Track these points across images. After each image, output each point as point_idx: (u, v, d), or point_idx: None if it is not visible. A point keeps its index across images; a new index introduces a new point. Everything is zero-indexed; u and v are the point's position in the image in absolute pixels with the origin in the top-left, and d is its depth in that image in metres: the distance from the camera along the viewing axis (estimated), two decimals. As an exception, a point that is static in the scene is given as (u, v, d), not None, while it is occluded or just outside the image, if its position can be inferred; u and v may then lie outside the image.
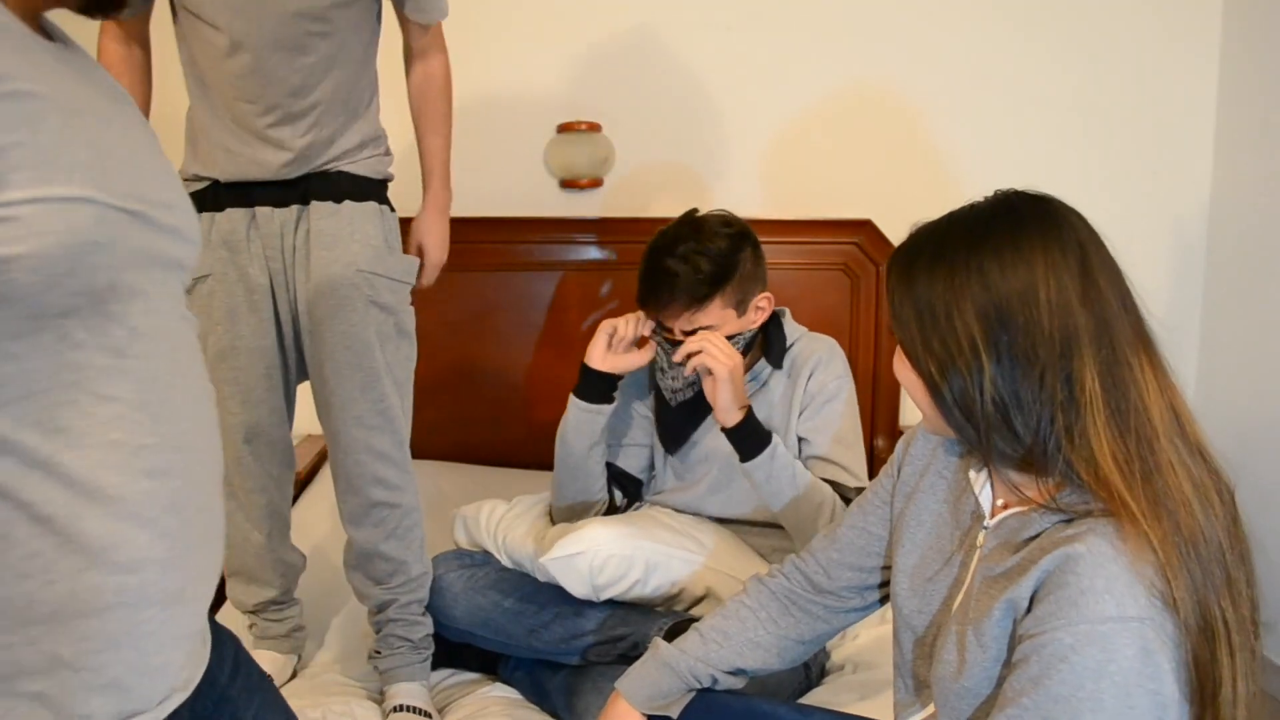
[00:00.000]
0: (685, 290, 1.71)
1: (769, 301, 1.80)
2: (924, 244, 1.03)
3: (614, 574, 1.66)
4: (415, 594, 1.78)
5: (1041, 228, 0.98)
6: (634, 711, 1.28)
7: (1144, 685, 0.89)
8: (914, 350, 1.01)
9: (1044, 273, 0.96)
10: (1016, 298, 0.95)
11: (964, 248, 0.99)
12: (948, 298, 0.98)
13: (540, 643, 1.72)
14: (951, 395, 0.98)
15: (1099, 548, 0.92)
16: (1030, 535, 1.00)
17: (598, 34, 2.58)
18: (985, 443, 0.99)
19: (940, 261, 1.00)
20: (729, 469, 1.82)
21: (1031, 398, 0.95)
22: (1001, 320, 0.96)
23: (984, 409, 0.97)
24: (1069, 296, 0.95)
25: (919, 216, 1.08)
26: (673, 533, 1.74)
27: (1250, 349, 2.41)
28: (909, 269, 1.02)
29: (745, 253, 1.75)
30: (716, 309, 1.73)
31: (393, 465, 1.73)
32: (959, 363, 0.97)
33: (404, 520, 1.75)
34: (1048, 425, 0.95)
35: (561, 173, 2.60)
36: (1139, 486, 0.93)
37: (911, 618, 1.14)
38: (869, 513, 1.26)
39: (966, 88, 2.59)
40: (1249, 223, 2.45)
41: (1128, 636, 0.89)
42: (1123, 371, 0.96)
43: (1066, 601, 0.91)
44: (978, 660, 1.00)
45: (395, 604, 1.76)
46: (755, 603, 1.32)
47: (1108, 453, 0.94)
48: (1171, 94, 2.57)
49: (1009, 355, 0.95)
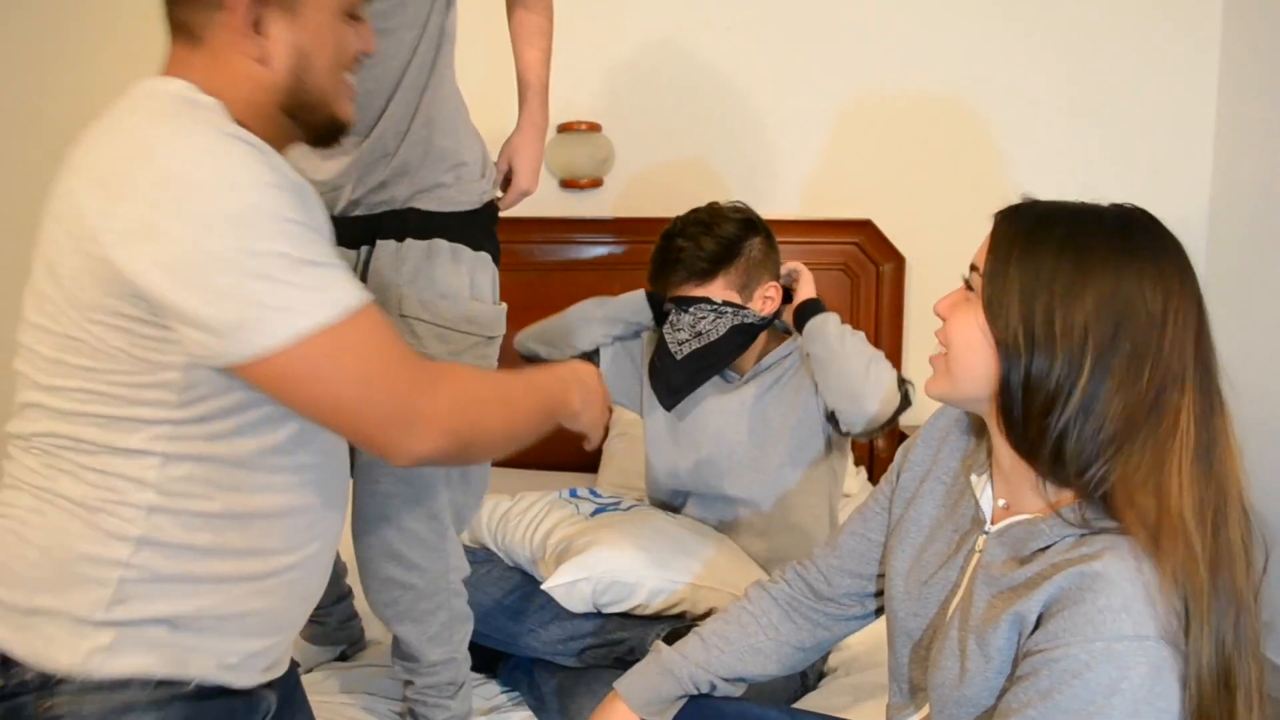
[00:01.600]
0: (687, 264, 1.75)
1: (777, 292, 1.81)
2: (1056, 218, 0.98)
3: (616, 596, 1.67)
4: (436, 678, 1.57)
5: (1180, 261, 0.97)
6: (631, 715, 1.28)
7: (1153, 704, 0.89)
8: (1004, 313, 0.96)
9: (1177, 303, 0.94)
10: (1146, 313, 0.93)
11: (1105, 243, 0.95)
12: (1074, 281, 0.94)
13: (538, 642, 1.72)
14: (1023, 373, 0.95)
15: (1118, 567, 0.91)
16: (1039, 547, 0.99)
17: (598, 34, 2.58)
18: (1033, 439, 0.96)
19: (1074, 241, 0.95)
20: (728, 451, 1.82)
21: (1115, 417, 0.93)
22: (1121, 328, 0.93)
23: (1061, 410, 0.94)
24: (1189, 334, 0.94)
25: (919, 216, 1.08)
26: (677, 552, 1.72)
27: (1250, 349, 2.41)
28: (1033, 234, 0.97)
29: (754, 240, 1.78)
30: (719, 287, 1.75)
31: (414, 541, 1.50)
32: (1057, 348, 0.93)
33: (420, 603, 1.52)
34: (1114, 448, 0.93)
35: (561, 173, 2.60)
36: (1209, 535, 0.92)
37: (907, 621, 1.14)
38: (869, 520, 1.26)
39: (967, 88, 2.59)
40: (1249, 223, 2.45)
41: (1142, 655, 0.89)
42: (1216, 421, 0.95)
43: (1083, 618, 0.90)
44: (980, 670, 0.99)
45: (413, 685, 1.58)
46: (757, 609, 1.31)
47: (1186, 494, 0.92)
48: (1171, 94, 2.57)
49: (1111, 365, 0.93)
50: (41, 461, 1.00)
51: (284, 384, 0.94)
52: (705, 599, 1.70)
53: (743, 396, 1.84)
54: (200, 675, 1.01)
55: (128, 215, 0.91)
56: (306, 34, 1.04)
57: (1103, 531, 0.94)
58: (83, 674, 0.97)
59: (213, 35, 1.01)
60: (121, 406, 0.97)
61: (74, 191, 0.95)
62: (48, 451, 1.00)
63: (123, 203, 0.91)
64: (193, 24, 1.02)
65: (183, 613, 1.00)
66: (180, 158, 0.91)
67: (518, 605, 1.75)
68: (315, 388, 0.94)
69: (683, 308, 1.76)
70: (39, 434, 1.00)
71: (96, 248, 0.92)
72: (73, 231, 0.94)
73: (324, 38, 1.06)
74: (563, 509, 1.85)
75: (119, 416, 0.97)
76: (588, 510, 1.85)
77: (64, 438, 0.99)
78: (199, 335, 0.92)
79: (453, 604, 1.56)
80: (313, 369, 0.93)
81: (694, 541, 1.78)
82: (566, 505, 1.87)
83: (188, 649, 1.01)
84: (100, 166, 0.94)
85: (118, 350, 0.95)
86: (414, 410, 0.98)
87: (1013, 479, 1.04)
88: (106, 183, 0.93)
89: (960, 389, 1.03)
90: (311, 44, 1.05)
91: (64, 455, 0.99)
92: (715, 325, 1.75)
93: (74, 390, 0.97)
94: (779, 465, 1.81)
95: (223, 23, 1.00)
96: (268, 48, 1.02)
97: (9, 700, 0.99)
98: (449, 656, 1.57)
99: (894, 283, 2.57)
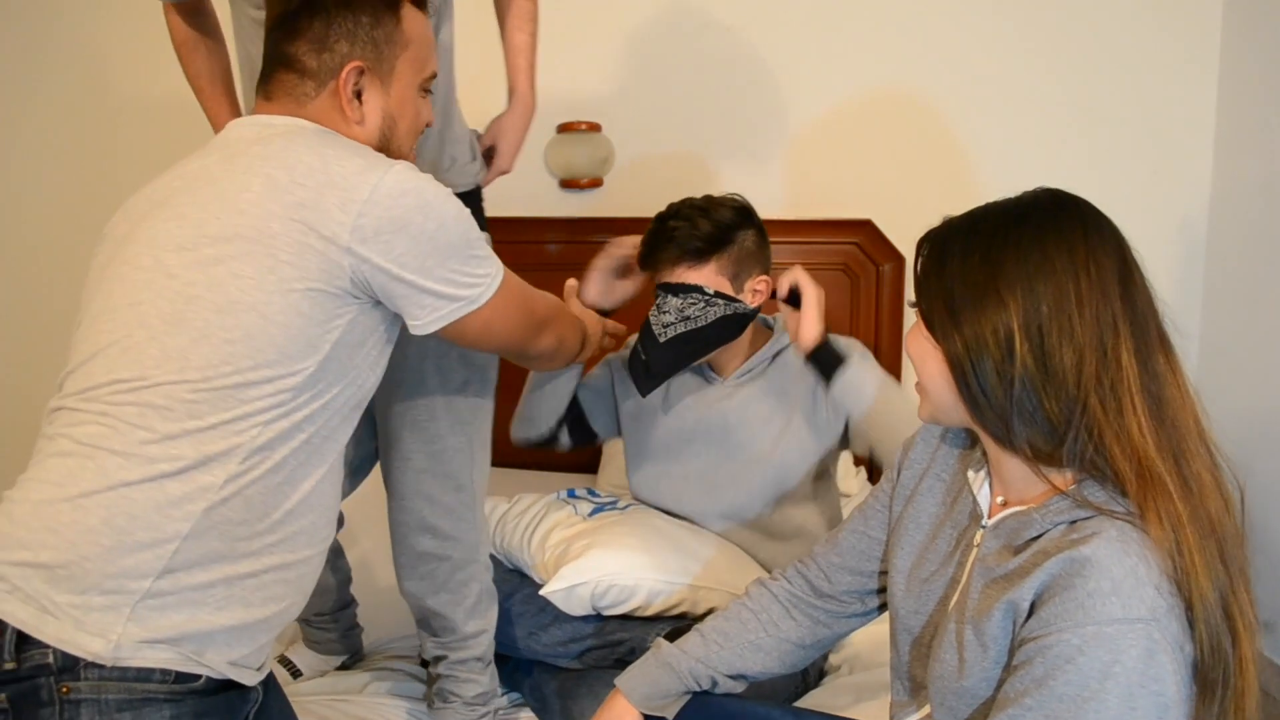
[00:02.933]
0: (680, 244, 1.72)
1: (767, 285, 1.79)
2: (959, 224, 1.03)
3: (616, 599, 1.66)
4: (470, 651, 1.63)
5: (1083, 217, 1.00)
6: (632, 709, 1.29)
7: (1147, 686, 0.90)
8: (942, 328, 1.01)
9: (1085, 257, 0.97)
10: (1058, 277, 0.96)
11: (1003, 227, 1.00)
12: (984, 273, 0.98)
13: (539, 645, 1.72)
14: (977, 378, 0.98)
15: (1105, 550, 0.92)
16: (1031, 536, 1.00)
17: (598, 34, 2.58)
18: (1005, 427, 0.99)
19: (976, 237, 1.00)
20: (721, 450, 1.81)
21: (1065, 376, 0.95)
22: (1041, 297, 0.96)
23: (1014, 390, 0.97)
24: (1110, 283, 0.97)
25: (919, 216, 1.09)
26: (676, 552, 1.72)
27: (1250, 349, 2.41)
28: (943, 246, 1.02)
29: (748, 230, 1.76)
30: (711, 272, 1.73)
31: (446, 513, 1.58)
32: (984, 321, 0.97)
33: (456, 574, 1.59)
34: (1079, 406, 0.96)
35: (561, 173, 2.60)
36: (1173, 469, 0.95)
37: (908, 618, 1.15)
38: (870, 517, 1.26)
39: (967, 88, 2.59)
40: (1249, 223, 2.45)
41: (1134, 638, 0.90)
42: (1156, 364, 0.97)
43: (1073, 604, 0.92)
44: (978, 660, 1.00)
45: (446, 660, 1.63)
46: (757, 605, 1.32)
47: (1146, 433, 0.95)
48: (1171, 94, 2.57)
49: (1046, 332, 0.96)
50: (112, 429, 1.08)
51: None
52: (705, 599, 1.70)
53: (732, 402, 1.82)
54: (212, 670, 1.09)
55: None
56: (394, 103, 1.28)
57: (1098, 513, 0.96)
58: (112, 660, 1.03)
59: (321, 99, 1.24)
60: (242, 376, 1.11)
61: (299, 204, 1.12)
62: (127, 421, 1.08)
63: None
64: (303, 89, 1.24)
65: (216, 595, 1.08)
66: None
67: (517, 609, 1.75)
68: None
69: (672, 292, 1.73)
70: (124, 398, 1.09)
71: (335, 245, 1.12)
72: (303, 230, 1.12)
73: (406, 108, 1.30)
74: (560, 510, 1.85)
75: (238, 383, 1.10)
76: (585, 510, 1.85)
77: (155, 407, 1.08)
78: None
79: (484, 577, 1.63)
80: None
81: (692, 542, 1.77)
82: (564, 506, 1.87)
83: (206, 639, 1.08)
84: (317, 182, 1.13)
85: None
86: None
87: (1005, 475, 1.06)
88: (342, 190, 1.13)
89: (934, 402, 1.07)
90: (397, 112, 1.28)
91: (149, 422, 1.07)
92: (704, 313, 1.72)
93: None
94: (775, 470, 1.80)
95: (332, 89, 1.24)
96: (365, 113, 1.25)
97: (23, 683, 1.02)
98: (482, 629, 1.63)
99: (894, 283, 2.57)
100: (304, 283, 1.11)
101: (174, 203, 1.16)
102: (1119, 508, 0.96)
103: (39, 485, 1.09)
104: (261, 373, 1.09)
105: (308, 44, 1.23)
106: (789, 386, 1.80)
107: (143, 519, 1.05)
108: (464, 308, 1.21)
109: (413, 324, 1.20)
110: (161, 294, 1.11)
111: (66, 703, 1.02)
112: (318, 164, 1.13)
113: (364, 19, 1.24)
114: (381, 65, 1.26)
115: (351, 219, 1.11)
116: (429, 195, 1.16)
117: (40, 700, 1.02)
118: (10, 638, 1.03)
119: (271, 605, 1.14)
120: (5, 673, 1.03)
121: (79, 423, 1.10)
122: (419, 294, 1.17)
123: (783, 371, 1.82)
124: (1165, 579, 0.92)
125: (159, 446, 1.07)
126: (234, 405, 1.09)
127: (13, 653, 1.03)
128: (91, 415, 1.09)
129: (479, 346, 1.37)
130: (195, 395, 1.08)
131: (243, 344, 1.09)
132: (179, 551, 1.06)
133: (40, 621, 1.03)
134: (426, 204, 1.16)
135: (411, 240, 1.14)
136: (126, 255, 1.16)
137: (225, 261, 1.10)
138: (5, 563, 1.05)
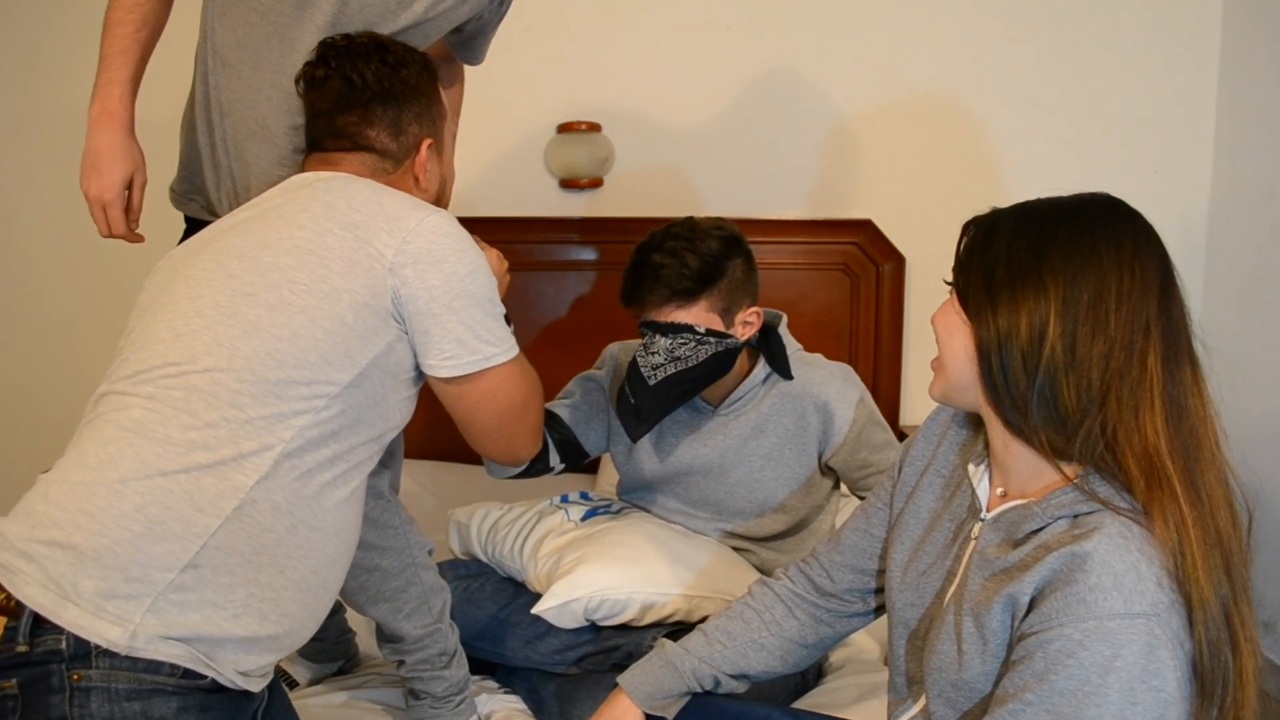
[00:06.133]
0: (668, 283, 1.63)
1: (758, 317, 1.71)
2: (1009, 211, 1.04)
3: (609, 612, 1.64)
4: (424, 652, 1.59)
5: (1134, 221, 1.01)
6: (634, 708, 1.29)
7: (1148, 682, 0.90)
8: (977, 306, 1.02)
9: (1132, 257, 0.98)
10: (1102, 270, 0.97)
11: (1055, 217, 1.01)
12: (1031, 256, 0.99)
13: (536, 654, 1.71)
14: (1002, 360, 0.99)
15: (1107, 545, 0.93)
16: (1031, 530, 1.00)
17: (598, 34, 2.58)
18: (1021, 414, 0.99)
19: (1027, 223, 1.02)
20: (717, 483, 1.79)
21: (1091, 367, 0.96)
22: (1083, 288, 0.97)
23: (1037, 377, 0.97)
24: (1150, 286, 0.98)
25: (919, 216, 1.09)
26: (669, 561, 1.69)
27: (1250, 349, 2.41)
28: (990, 228, 1.03)
29: (737, 260, 1.67)
30: (701, 310, 1.64)
31: (368, 525, 1.50)
32: (1020, 303, 0.98)
33: (389, 583, 1.56)
34: (1099, 401, 0.96)
35: (561, 173, 2.60)
36: (1184, 476, 0.95)
37: (904, 611, 1.15)
38: (871, 515, 1.26)
39: (966, 88, 2.59)
40: (1249, 223, 2.45)
41: (1134, 633, 0.90)
42: (1183, 374, 0.98)
43: (1074, 598, 0.92)
44: (977, 653, 1.00)
45: (405, 665, 1.61)
46: (760, 605, 1.32)
47: (1160, 435, 0.95)
48: (1171, 94, 2.57)
49: (1081, 322, 0.97)
50: (156, 414, 1.12)
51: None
52: (700, 608, 1.67)
53: (725, 436, 1.77)
54: (220, 674, 1.10)
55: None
56: (446, 167, 1.50)
57: (1093, 511, 0.96)
58: (126, 649, 1.05)
59: (399, 175, 1.40)
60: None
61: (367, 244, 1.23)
62: (173, 405, 1.12)
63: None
64: (383, 167, 1.39)
65: (236, 599, 1.10)
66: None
67: (512, 619, 1.73)
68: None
69: (660, 332, 1.64)
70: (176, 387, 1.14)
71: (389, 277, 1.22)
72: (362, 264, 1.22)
73: (449, 168, 1.53)
74: (552, 516, 1.82)
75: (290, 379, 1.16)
76: (578, 515, 1.82)
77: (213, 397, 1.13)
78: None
79: (422, 578, 1.58)
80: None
81: (686, 549, 1.74)
82: (556, 512, 1.83)
83: (219, 643, 1.09)
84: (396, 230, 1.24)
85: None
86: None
87: (1009, 467, 1.06)
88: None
89: (951, 380, 1.06)
90: (447, 173, 1.51)
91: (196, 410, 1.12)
92: (696, 352, 1.64)
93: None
94: (768, 494, 1.78)
95: (408, 166, 1.41)
96: (425, 179, 1.43)
97: (35, 667, 1.04)
98: (431, 628, 1.59)
99: (894, 283, 2.57)
100: (351, 295, 1.19)
101: (240, 226, 1.27)
102: (1123, 503, 0.96)
103: (78, 468, 1.11)
104: (303, 373, 1.15)
105: (385, 130, 1.38)
106: (780, 412, 1.77)
107: (176, 509, 1.08)
108: (481, 362, 1.28)
109: (427, 364, 1.26)
110: (220, 290, 1.19)
111: (76, 690, 1.04)
112: (373, 197, 1.26)
113: (425, 100, 1.41)
114: (438, 136, 1.44)
115: (398, 242, 1.21)
116: (465, 244, 1.27)
117: (50, 686, 1.04)
118: (27, 620, 1.05)
119: (285, 623, 1.15)
120: (17, 655, 1.04)
121: (125, 407, 1.14)
122: (442, 332, 1.24)
123: (773, 396, 1.77)
124: (1166, 575, 0.93)
125: (199, 433, 1.11)
126: (273, 401, 1.14)
127: (27, 636, 1.04)
128: (139, 399, 1.14)
129: (471, 409, 1.35)
130: (240, 385, 1.13)
131: (290, 342, 1.16)
132: (207, 547, 1.09)
133: (59, 606, 1.04)
134: (463, 250, 1.26)
135: (445, 277, 1.23)
136: (190, 268, 1.24)
137: (282, 269, 1.19)
138: (37, 541, 1.07)
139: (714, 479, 1.79)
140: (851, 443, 1.76)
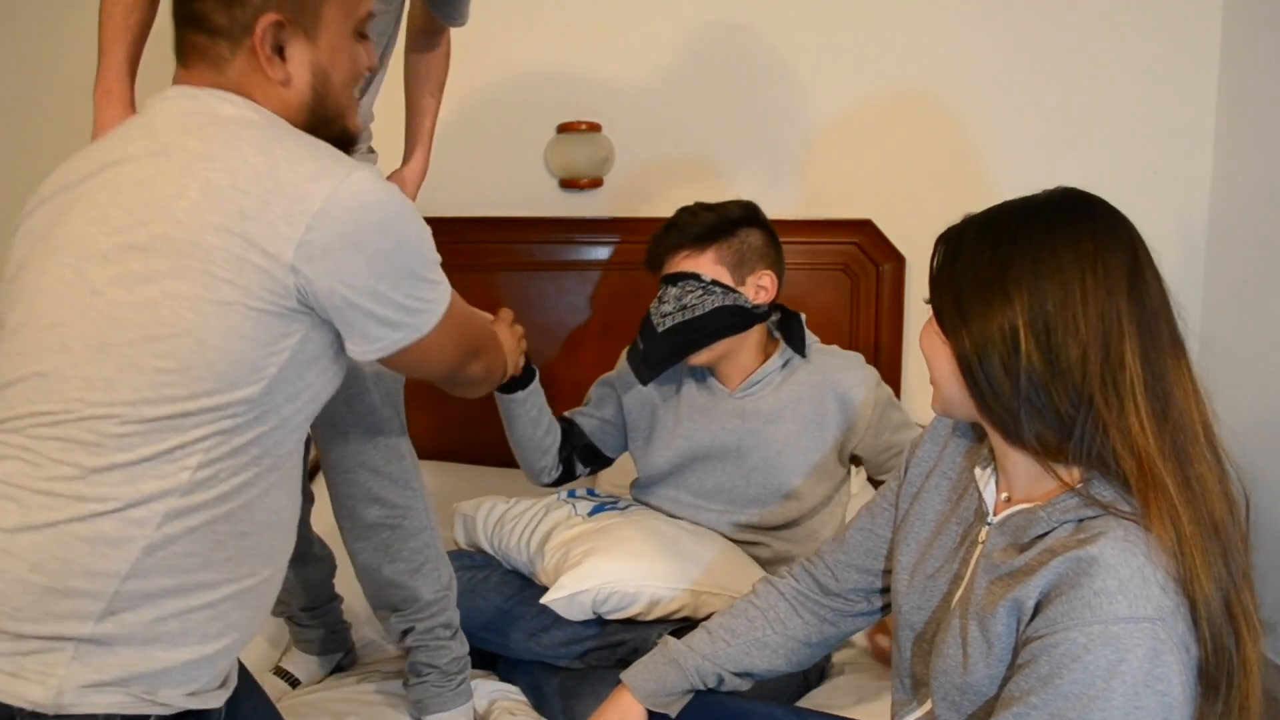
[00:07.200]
0: (680, 229, 1.75)
1: (773, 284, 1.78)
2: (975, 222, 1.04)
3: (617, 605, 1.65)
4: (435, 619, 1.62)
5: (1093, 215, 1.00)
6: (637, 705, 1.29)
7: (1153, 686, 0.90)
8: (951, 324, 1.02)
9: (1093, 255, 0.97)
10: (1064, 273, 0.97)
11: (1015, 224, 1.01)
12: (992, 270, 0.99)
13: (540, 646, 1.71)
14: (984, 373, 0.99)
15: (1112, 550, 0.93)
16: (1037, 534, 1.00)
17: (598, 34, 2.57)
18: (1013, 422, 0.99)
19: (989, 235, 1.01)
20: (734, 470, 1.80)
21: (1071, 371, 0.96)
22: (1047, 294, 0.97)
23: (1020, 386, 0.97)
24: (1117, 281, 0.97)
25: (919, 216, 1.09)
26: (677, 557, 1.70)
27: (1250, 349, 2.41)
28: (957, 243, 1.04)
29: (752, 228, 1.77)
30: (709, 260, 1.73)
31: (391, 483, 1.58)
32: (990, 315, 0.98)
33: (409, 542, 1.59)
34: (1085, 403, 0.96)
35: (561, 173, 2.60)
36: (1174, 469, 0.95)
37: (911, 615, 1.15)
38: (876, 515, 1.27)
39: (967, 88, 2.59)
40: (1249, 223, 2.45)
41: (1139, 637, 0.90)
42: (1164, 364, 0.97)
43: (1080, 603, 0.92)
44: (982, 656, 1.00)
45: (413, 631, 1.62)
46: (764, 603, 1.32)
47: (1148, 433, 0.95)
48: (1171, 94, 2.57)
49: (1052, 329, 0.96)
50: (34, 465, 0.98)
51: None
52: (706, 604, 1.69)
53: (743, 420, 1.79)
54: (168, 707, 1.01)
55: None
56: (324, 55, 1.14)
57: (1105, 511, 0.96)
58: (54, 708, 0.94)
59: (239, 60, 1.10)
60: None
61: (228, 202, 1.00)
62: (50, 456, 0.98)
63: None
64: (217, 50, 1.10)
65: (169, 630, 1.00)
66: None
67: (517, 610, 1.74)
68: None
69: (671, 282, 1.74)
70: (48, 427, 0.99)
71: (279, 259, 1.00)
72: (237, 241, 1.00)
73: (339, 57, 1.15)
74: (559, 510, 1.84)
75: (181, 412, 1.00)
76: (585, 510, 1.83)
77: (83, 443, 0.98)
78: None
79: (435, 542, 1.63)
80: None
81: (693, 545, 1.76)
82: (563, 506, 1.85)
83: (160, 676, 0.99)
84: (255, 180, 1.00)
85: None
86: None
87: (1013, 472, 1.06)
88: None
89: (944, 396, 1.07)
90: (328, 63, 1.14)
91: (74, 456, 0.98)
92: (702, 301, 1.71)
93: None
94: (785, 482, 1.79)
95: (249, 49, 1.09)
96: (290, 70, 1.11)
97: None
98: (441, 594, 1.63)
99: (894, 283, 2.57)
100: (245, 302, 0.99)
101: (96, 198, 1.04)
102: (1126, 506, 0.96)
103: None
104: (199, 402, 0.98)
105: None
106: (798, 399, 1.79)
107: (76, 562, 0.96)
108: (408, 336, 1.10)
109: (351, 349, 1.09)
110: (85, 314, 1.00)
111: None
112: (264, 167, 1.00)
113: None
114: (304, 15, 1.11)
115: (299, 233, 0.99)
116: (391, 210, 1.04)
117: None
118: None
119: (231, 634, 1.06)
120: None
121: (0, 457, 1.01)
122: (364, 319, 1.05)
123: (792, 383, 1.80)
124: (1170, 579, 0.93)
125: (86, 484, 0.97)
126: (169, 437, 0.98)
127: None
128: (13, 449, 1.00)
129: (408, 373, 1.29)
130: (124, 429, 0.97)
131: (177, 373, 0.98)
132: (119, 594, 0.97)
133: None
134: (387, 220, 1.04)
135: (365, 260, 1.02)
136: (46, 260, 1.05)
137: (156, 279, 0.98)
138: None
139: (731, 463, 1.80)
140: (875, 425, 1.79)
